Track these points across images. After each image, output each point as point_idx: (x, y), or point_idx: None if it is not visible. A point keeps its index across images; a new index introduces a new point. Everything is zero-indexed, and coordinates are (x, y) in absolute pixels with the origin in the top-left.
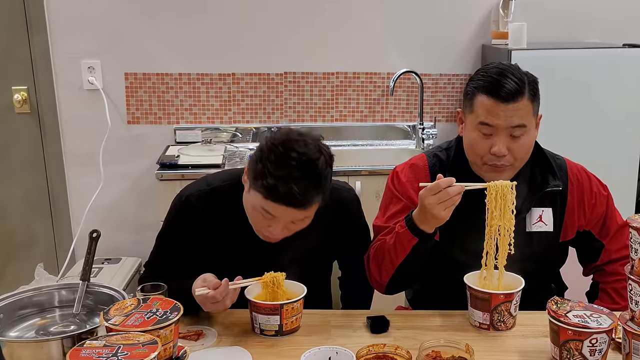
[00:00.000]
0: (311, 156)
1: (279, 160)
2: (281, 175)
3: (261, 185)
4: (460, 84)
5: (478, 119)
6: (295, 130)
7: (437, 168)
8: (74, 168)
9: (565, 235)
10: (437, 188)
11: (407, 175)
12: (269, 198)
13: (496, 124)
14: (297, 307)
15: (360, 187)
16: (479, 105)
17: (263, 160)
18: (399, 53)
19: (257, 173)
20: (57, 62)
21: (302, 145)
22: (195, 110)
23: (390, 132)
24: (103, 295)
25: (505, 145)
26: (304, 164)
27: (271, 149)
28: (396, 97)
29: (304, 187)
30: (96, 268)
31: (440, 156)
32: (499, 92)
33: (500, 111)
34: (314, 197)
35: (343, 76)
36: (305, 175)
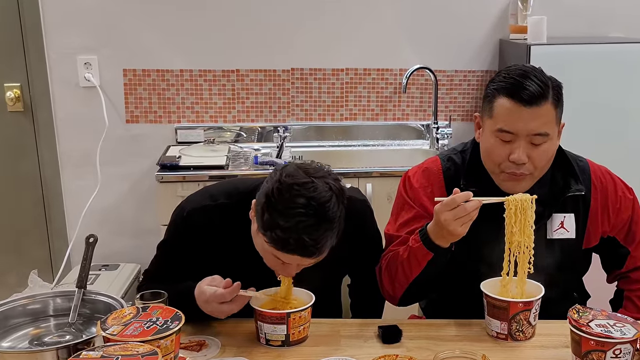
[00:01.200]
0: (321, 199)
1: (287, 210)
2: (290, 226)
3: (270, 237)
4: (476, 80)
5: (497, 125)
6: (301, 169)
7: (451, 172)
8: (70, 169)
9: (589, 242)
10: (454, 203)
11: (420, 181)
12: (280, 250)
13: (516, 130)
14: (305, 315)
15: (372, 190)
16: (498, 108)
17: (270, 209)
18: (412, 48)
19: (264, 223)
20: (51, 57)
21: (310, 189)
22: (197, 108)
23: (403, 132)
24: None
25: (525, 152)
26: (314, 210)
27: (278, 197)
28: (409, 94)
29: (316, 236)
30: (93, 275)
31: (454, 159)
32: (520, 94)
33: (521, 115)
34: (328, 242)
35: (353, 72)
36: (317, 222)
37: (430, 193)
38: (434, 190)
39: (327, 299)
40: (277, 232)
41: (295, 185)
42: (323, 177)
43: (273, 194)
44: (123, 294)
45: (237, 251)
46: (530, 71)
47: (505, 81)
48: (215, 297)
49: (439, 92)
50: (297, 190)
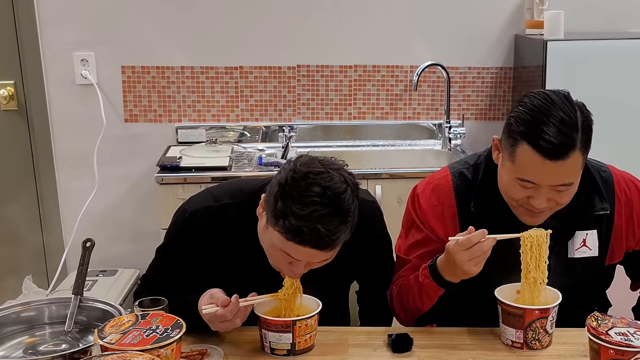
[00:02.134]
0: (337, 190)
1: (302, 197)
2: (305, 214)
3: (283, 226)
4: (490, 78)
5: (518, 174)
6: (317, 159)
7: (462, 190)
8: (66, 171)
9: (612, 259)
10: (470, 243)
11: (429, 201)
12: (292, 240)
13: (539, 182)
14: (312, 323)
15: (381, 192)
16: (521, 156)
17: (284, 197)
18: (423, 44)
19: (276, 212)
20: (47, 54)
21: (326, 178)
22: (199, 107)
23: (414, 131)
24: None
25: (545, 199)
26: (330, 199)
27: (292, 185)
28: (420, 92)
29: (331, 227)
30: (90, 281)
31: (466, 175)
32: (545, 148)
33: (545, 168)
34: (342, 236)
35: (362, 69)
36: (331, 212)
37: (440, 213)
38: (444, 210)
39: (334, 306)
40: (291, 219)
41: (311, 174)
42: (338, 169)
43: (287, 182)
44: (121, 301)
45: (242, 254)
46: (557, 106)
47: (527, 125)
48: (216, 318)
49: (451, 89)
50: (312, 179)
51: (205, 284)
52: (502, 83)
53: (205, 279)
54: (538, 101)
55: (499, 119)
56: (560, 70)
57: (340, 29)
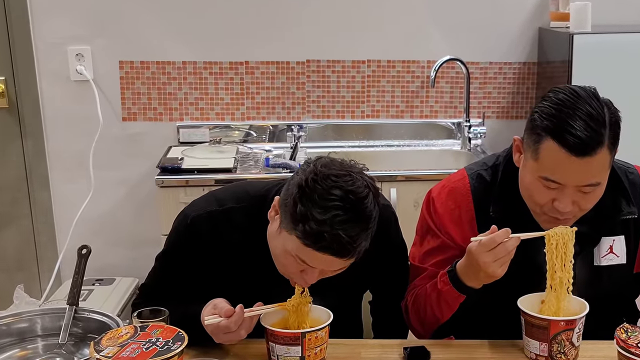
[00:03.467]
0: (360, 194)
1: (323, 201)
2: (326, 219)
3: (302, 231)
4: (513, 73)
5: (542, 172)
6: (337, 161)
7: (480, 193)
8: (60, 172)
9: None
10: (493, 243)
11: (445, 205)
12: (311, 246)
13: (564, 182)
14: (322, 336)
15: (396, 195)
16: (544, 153)
17: (303, 200)
18: (441, 37)
19: (296, 216)
20: (39, 48)
21: (348, 182)
22: (201, 105)
23: (431, 131)
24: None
25: (571, 202)
26: (352, 204)
27: (313, 187)
28: (438, 89)
29: (353, 233)
30: (86, 290)
31: (484, 177)
32: (571, 142)
33: (571, 166)
34: (363, 243)
35: (376, 65)
36: (353, 217)
37: (457, 217)
38: (462, 214)
39: (346, 317)
40: (312, 224)
41: (333, 176)
42: (359, 173)
43: (307, 184)
44: (119, 312)
45: (247, 262)
46: (583, 101)
47: (553, 119)
48: (220, 329)
49: (471, 86)
50: (334, 182)
51: (208, 294)
52: (525, 79)
53: (209, 288)
54: (564, 95)
55: (521, 117)
56: (587, 66)
57: (352, 21)
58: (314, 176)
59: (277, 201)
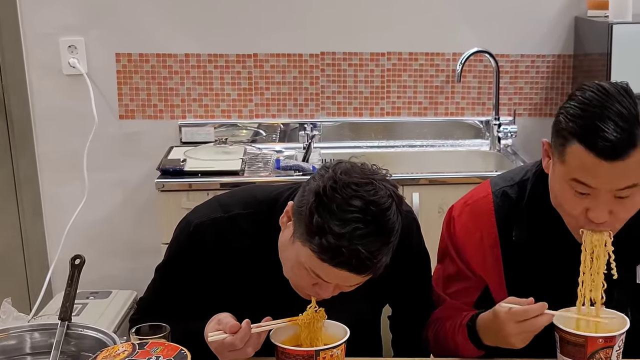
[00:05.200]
0: (382, 205)
1: (342, 213)
2: (345, 232)
3: (319, 245)
4: (546, 67)
5: (571, 175)
6: (358, 167)
7: (504, 214)
8: (51, 175)
9: None
10: (525, 316)
11: (466, 225)
12: (327, 262)
13: (596, 185)
14: (338, 354)
15: (419, 200)
16: (571, 157)
17: (321, 210)
18: (468, 28)
19: (312, 227)
20: (28, 39)
21: (370, 191)
22: (206, 101)
23: (457, 130)
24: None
25: (606, 210)
26: (373, 216)
27: (332, 196)
28: (465, 84)
29: (373, 248)
30: (79, 304)
31: (510, 195)
32: (600, 146)
33: (601, 170)
34: (383, 258)
35: (396, 57)
36: (375, 231)
37: (478, 242)
38: (483, 238)
39: (363, 334)
40: (329, 238)
41: (353, 185)
42: (382, 180)
43: (326, 192)
44: (116, 328)
45: (255, 273)
46: (612, 99)
47: (579, 121)
48: (225, 347)
49: (501, 81)
50: (354, 191)
51: (212, 308)
52: (560, 73)
53: (213, 302)
54: (591, 94)
55: None
56: (628, 58)
57: (371, 10)
58: (333, 184)
59: (290, 207)
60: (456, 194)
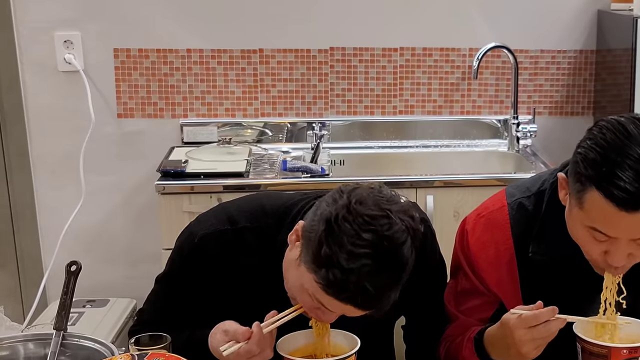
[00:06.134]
0: (396, 241)
1: (352, 246)
2: (354, 268)
3: (325, 277)
4: (568, 63)
5: (589, 222)
6: (375, 194)
7: (521, 227)
8: (45, 177)
9: None
10: (535, 321)
11: (480, 239)
12: (331, 295)
13: (615, 235)
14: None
15: (433, 204)
16: (590, 205)
17: (330, 241)
18: (485, 21)
19: (319, 258)
20: (22, 33)
21: (384, 225)
22: (209, 99)
23: (474, 129)
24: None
25: (625, 255)
26: (385, 252)
27: (343, 227)
28: (481, 81)
29: (380, 284)
30: (75, 313)
31: (526, 206)
32: (619, 197)
33: (621, 221)
34: (392, 296)
35: (410, 53)
36: (384, 267)
37: (493, 257)
38: (499, 254)
39: (376, 344)
40: (336, 272)
41: (367, 217)
42: (400, 212)
43: (338, 222)
44: (114, 338)
45: (261, 290)
46: (634, 141)
47: (597, 168)
48: (242, 356)
49: (519, 78)
50: (368, 224)
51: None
52: (582, 69)
53: (215, 316)
54: (611, 135)
55: (577, 113)
56: None
57: (383, 3)
58: (346, 213)
59: (300, 227)
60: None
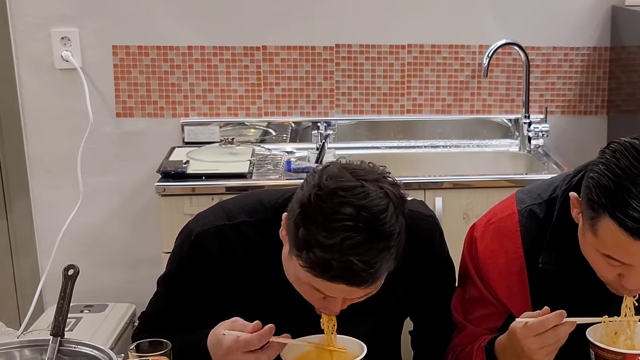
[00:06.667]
0: (374, 208)
1: (330, 223)
2: (334, 244)
3: (307, 259)
4: (581, 60)
5: (603, 249)
6: (348, 168)
7: (531, 235)
8: (42, 178)
9: None
10: (543, 328)
11: (489, 248)
12: (320, 277)
13: (630, 262)
14: None
15: (442, 206)
16: (604, 233)
17: (306, 222)
18: (496, 18)
19: (298, 241)
20: (17, 29)
21: (359, 195)
22: (210, 98)
23: (484, 129)
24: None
25: None
26: (365, 222)
27: (316, 206)
28: (492, 79)
29: (368, 257)
30: (73, 318)
31: (537, 214)
32: (631, 227)
33: (636, 249)
34: (384, 267)
35: (418, 50)
36: (368, 238)
37: (503, 266)
38: (509, 263)
39: (382, 350)
40: (316, 251)
41: (340, 190)
42: (376, 181)
43: (310, 202)
44: (112, 344)
45: (264, 285)
46: None
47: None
48: (239, 344)
49: (531, 75)
50: (342, 197)
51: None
52: (596, 67)
53: (219, 314)
54: (625, 161)
55: (591, 113)
56: None
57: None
58: (318, 191)
59: (285, 219)
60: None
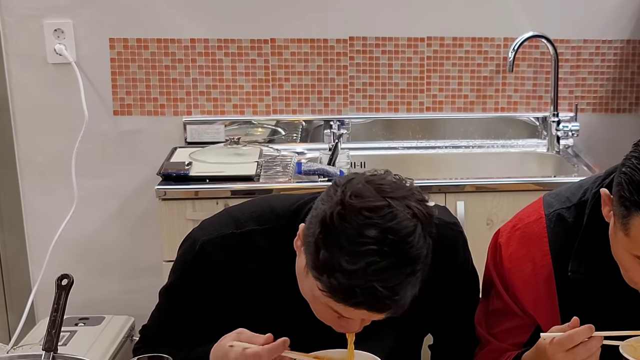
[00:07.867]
0: (402, 231)
1: (353, 246)
2: (357, 269)
3: (328, 284)
4: (613, 54)
5: (635, 250)
6: (372, 184)
7: (560, 241)
8: (33, 181)
9: None
10: (571, 343)
11: (514, 255)
12: (340, 302)
13: None
14: None
15: (464, 210)
16: (636, 232)
17: (328, 244)
18: (522, 8)
19: (319, 264)
20: (7, 22)
21: (386, 216)
22: (215, 94)
23: (509, 128)
24: None
25: None
26: (392, 246)
27: (340, 226)
28: (518, 74)
29: (393, 283)
30: (67, 332)
31: (566, 218)
32: None
33: None
34: (409, 292)
35: (438, 43)
36: (394, 264)
37: (529, 275)
38: (536, 271)
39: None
40: (338, 277)
41: (365, 211)
42: (404, 198)
43: (333, 221)
44: (110, 359)
45: (273, 298)
46: None
47: None
48: (246, 357)
49: (560, 71)
50: (367, 218)
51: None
52: (630, 62)
53: (225, 330)
54: None
55: (624, 110)
56: None
57: None
58: (342, 210)
59: (302, 230)
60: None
